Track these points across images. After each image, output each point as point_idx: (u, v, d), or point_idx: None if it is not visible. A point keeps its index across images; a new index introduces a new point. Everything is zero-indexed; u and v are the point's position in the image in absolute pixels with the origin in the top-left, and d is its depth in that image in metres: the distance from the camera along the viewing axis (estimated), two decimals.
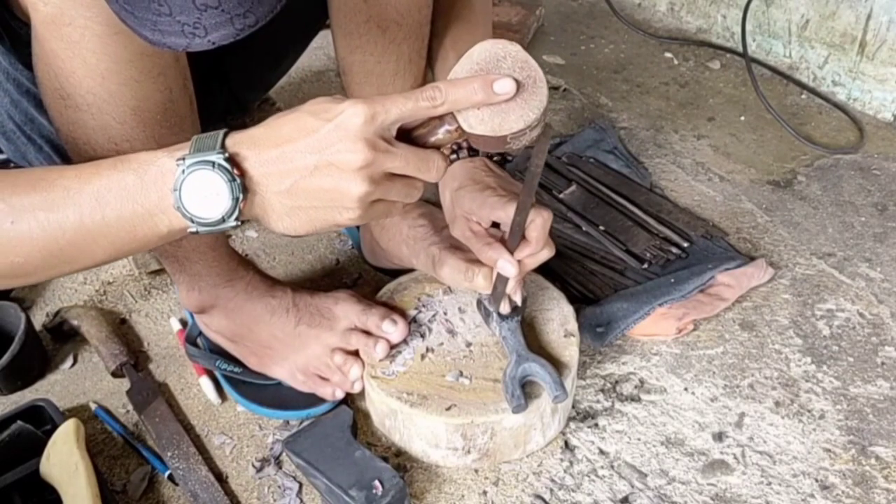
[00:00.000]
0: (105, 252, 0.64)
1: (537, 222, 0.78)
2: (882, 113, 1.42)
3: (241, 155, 0.60)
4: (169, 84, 0.73)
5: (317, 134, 0.59)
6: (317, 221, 0.62)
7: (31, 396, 0.94)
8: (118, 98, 0.70)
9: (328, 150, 0.59)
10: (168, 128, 0.75)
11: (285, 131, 0.60)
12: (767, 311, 1.04)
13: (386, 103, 0.60)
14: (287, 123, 0.61)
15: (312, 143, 0.59)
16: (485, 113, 0.62)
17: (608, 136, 1.34)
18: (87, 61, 0.67)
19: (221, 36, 0.57)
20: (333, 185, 0.59)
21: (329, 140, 0.59)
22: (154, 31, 0.57)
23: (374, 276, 1.10)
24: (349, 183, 0.59)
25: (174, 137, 0.75)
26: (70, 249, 0.62)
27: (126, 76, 0.69)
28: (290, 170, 0.60)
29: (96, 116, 0.70)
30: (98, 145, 0.72)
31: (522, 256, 0.80)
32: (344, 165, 0.59)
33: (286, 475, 0.86)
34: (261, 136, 0.61)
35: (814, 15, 1.47)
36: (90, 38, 0.65)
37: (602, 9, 1.81)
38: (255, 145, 0.60)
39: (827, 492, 0.83)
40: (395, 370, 0.87)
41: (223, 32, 0.57)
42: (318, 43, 1.07)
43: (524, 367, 0.83)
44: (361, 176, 0.59)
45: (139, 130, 0.72)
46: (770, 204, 1.23)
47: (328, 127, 0.59)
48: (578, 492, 0.84)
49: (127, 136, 0.72)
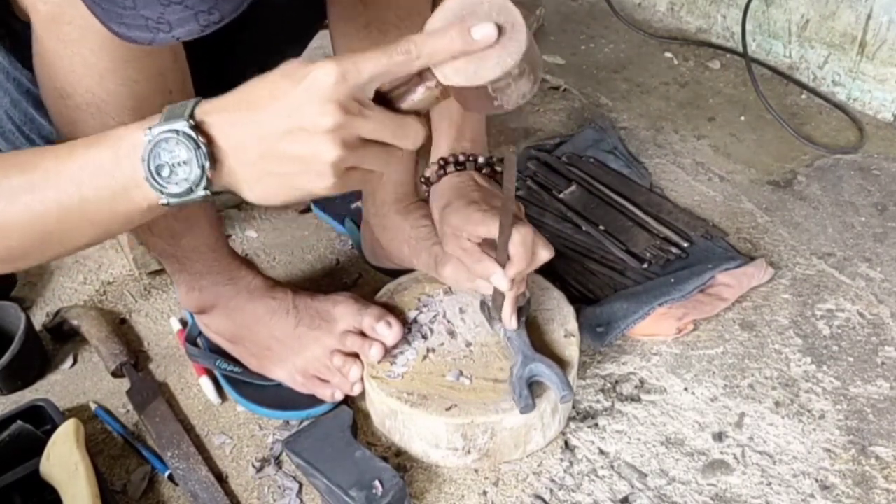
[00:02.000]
0: (92, 231, 0.63)
1: (515, 240, 0.78)
2: (882, 113, 1.42)
3: (208, 122, 0.58)
4: (168, 84, 0.73)
5: (286, 97, 0.56)
6: (289, 188, 0.59)
7: (31, 396, 0.94)
8: (117, 97, 0.70)
9: (298, 114, 0.56)
10: None
11: (255, 96, 0.58)
12: (767, 311, 1.04)
13: (358, 61, 0.56)
14: (257, 88, 0.58)
15: (282, 106, 0.56)
16: (460, 62, 0.58)
17: (608, 136, 1.34)
18: (87, 60, 0.67)
19: (186, 32, 0.57)
20: (304, 149, 0.56)
21: (298, 102, 0.56)
22: (120, 25, 0.57)
23: (374, 276, 1.10)
24: (320, 147, 0.56)
25: None
26: (57, 230, 0.62)
27: (125, 76, 0.69)
28: (260, 135, 0.57)
29: (95, 116, 0.70)
30: None
31: (511, 275, 0.80)
32: (314, 129, 0.55)
33: (286, 475, 0.86)
34: (230, 103, 0.59)
35: (814, 15, 1.47)
36: (90, 37, 0.65)
37: (602, 9, 1.81)
38: (224, 111, 0.58)
39: (827, 492, 0.83)
40: (398, 371, 0.87)
41: (188, 28, 0.57)
42: (317, 43, 1.07)
43: (531, 368, 0.83)
44: (333, 139, 0.56)
45: None
46: (770, 204, 1.23)
47: (298, 89, 0.56)
48: (578, 492, 0.84)
49: None
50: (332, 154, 0.56)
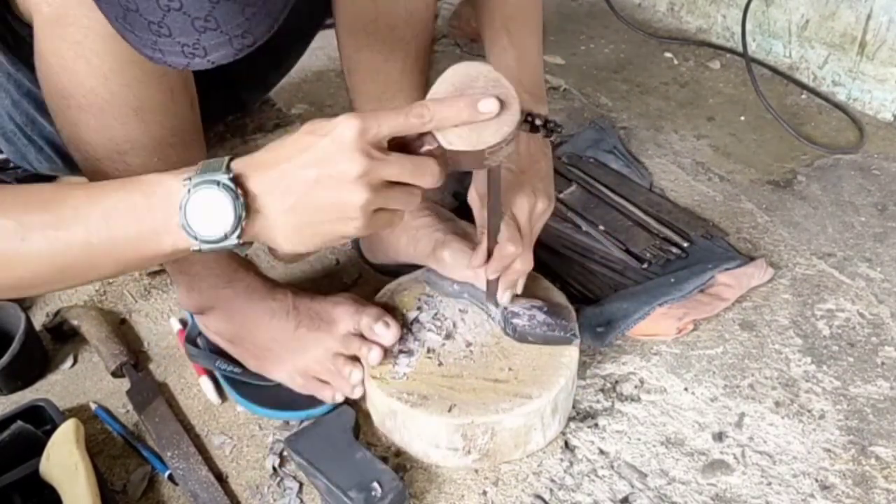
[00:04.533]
0: (109, 269, 0.67)
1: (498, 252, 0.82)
2: (882, 113, 1.42)
3: (245, 175, 0.62)
4: (171, 85, 0.73)
5: (314, 148, 0.61)
6: (322, 235, 0.64)
7: (31, 396, 0.94)
8: (120, 98, 0.70)
9: (326, 163, 0.61)
10: (169, 129, 0.75)
11: (284, 151, 0.62)
12: (767, 311, 1.04)
13: (379, 117, 0.62)
14: (286, 144, 0.63)
15: (310, 157, 0.61)
16: (463, 130, 0.65)
17: (608, 136, 1.34)
18: (90, 62, 0.67)
19: (221, 56, 0.58)
20: (335, 196, 0.61)
21: (326, 153, 0.61)
22: (154, 51, 0.58)
23: (374, 276, 1.10)
24: (350, 193, 0.61)
25: (174, 138, 0.75)
26: (76, 266, 0.64)
27: (129, 77, 0.69)
28: (292, 186, 0.61)
29: (98, 117, 0.70)
30: (99, 145, 0.72)
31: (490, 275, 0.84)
32: (343, 176, 0.60)
33: (286, 475, 0.86)
34: (262, 158, 0.63)
35: (814, 15, 1.47)
36: (93, 38, 0.66)
37: (602, 9, 1.81)
38: (258, 166, 0.62)
39: (827, 492, 0.83)
40: (401, 371, 0.87)
41: (222, 53, 0.58)
42: (318, 43, 1.07)
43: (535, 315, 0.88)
44: (361, 184, 0.61)
45: (140, 131, 0.72)
46: (770, 204, 1.23)
47: (325, 141, 0.61)
48: (578, 492, 0.84)
49: (128, 137, 0.72)
50: (362, 198, 0.61)
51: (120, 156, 0.73)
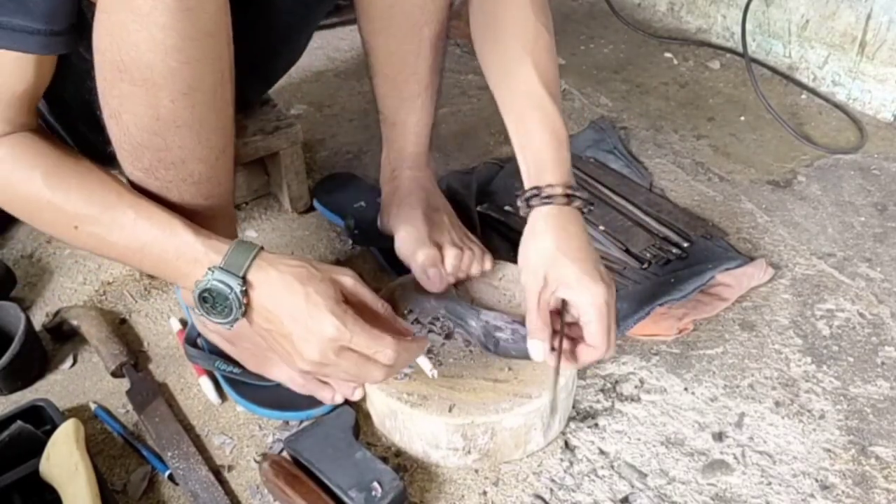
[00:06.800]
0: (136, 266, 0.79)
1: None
2: (882, 113, 1.42)
3: (255, 285, 0.71)
4: (222, 67, 0.73)
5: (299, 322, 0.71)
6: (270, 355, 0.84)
7: (31, 396, 0.94)
8: (176, 75, 0.69)
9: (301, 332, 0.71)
10: (215, 112, 0.75)
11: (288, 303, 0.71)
12: (767, 311, 1.05)
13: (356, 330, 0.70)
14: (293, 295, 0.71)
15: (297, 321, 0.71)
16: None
17: (608, 136, 1.34)
18: (154, 35, 0.66)
19: None
20: (291, 349, 0.73)
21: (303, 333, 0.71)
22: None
23: (374, 276, 1.10)
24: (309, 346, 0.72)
25: (218, 122, 0.77)
26: (110, 258, 0.78)
27: (189, 55, 0.69)
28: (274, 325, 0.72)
29: (150, 93, 0.70)
30: (143, 125, 0.72)
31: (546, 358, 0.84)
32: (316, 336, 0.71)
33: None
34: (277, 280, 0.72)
35: (814, 15, 1.47)
36: (161, 11, 0.65)
37: (602, 9, 1.81)
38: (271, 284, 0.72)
39: (827, 492, 0.83)
40: (405, 371, 0.87)
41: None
42: (318, 43, 1.07)
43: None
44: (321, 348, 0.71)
45: (188, 112, 0.72)
46: (770, 204, 1.23)
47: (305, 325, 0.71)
48: (578, 492, 0.84)
49: (174, 117, 0.72)
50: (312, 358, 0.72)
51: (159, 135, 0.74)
